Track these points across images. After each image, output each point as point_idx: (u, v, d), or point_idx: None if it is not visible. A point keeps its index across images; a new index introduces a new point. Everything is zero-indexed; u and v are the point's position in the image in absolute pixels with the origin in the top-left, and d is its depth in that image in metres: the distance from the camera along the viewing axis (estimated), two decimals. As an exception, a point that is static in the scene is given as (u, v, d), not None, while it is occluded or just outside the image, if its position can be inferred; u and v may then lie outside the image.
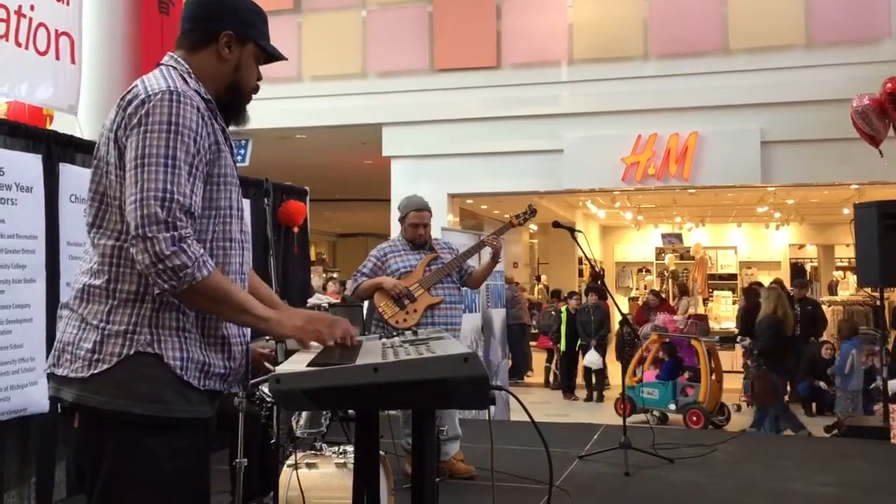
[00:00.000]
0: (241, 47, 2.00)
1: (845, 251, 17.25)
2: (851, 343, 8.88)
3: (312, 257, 14.65)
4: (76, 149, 4.75)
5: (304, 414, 3.67)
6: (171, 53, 2.00)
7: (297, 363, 1.76)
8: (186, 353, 1.82)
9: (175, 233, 1.73)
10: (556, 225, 5.74)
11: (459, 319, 5.04)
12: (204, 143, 1.85)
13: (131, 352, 1.78)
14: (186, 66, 1.96)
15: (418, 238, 5.00)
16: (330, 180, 13.86)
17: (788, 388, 9.00)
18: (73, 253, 4.47)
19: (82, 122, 5.30)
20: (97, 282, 1.83)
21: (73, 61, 5.16)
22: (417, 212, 5.02)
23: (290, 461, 3.47)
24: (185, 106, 1.81)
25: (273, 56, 2.07)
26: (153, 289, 1.79)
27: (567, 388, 11.50)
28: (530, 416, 1.97)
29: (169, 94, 1.80)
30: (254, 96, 2.10)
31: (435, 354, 1.66)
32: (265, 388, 3.57)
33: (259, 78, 2.07)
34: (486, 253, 5.09)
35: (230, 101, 2.01)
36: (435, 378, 1.61)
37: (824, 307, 11.20)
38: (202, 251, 1.77)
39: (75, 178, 4.60)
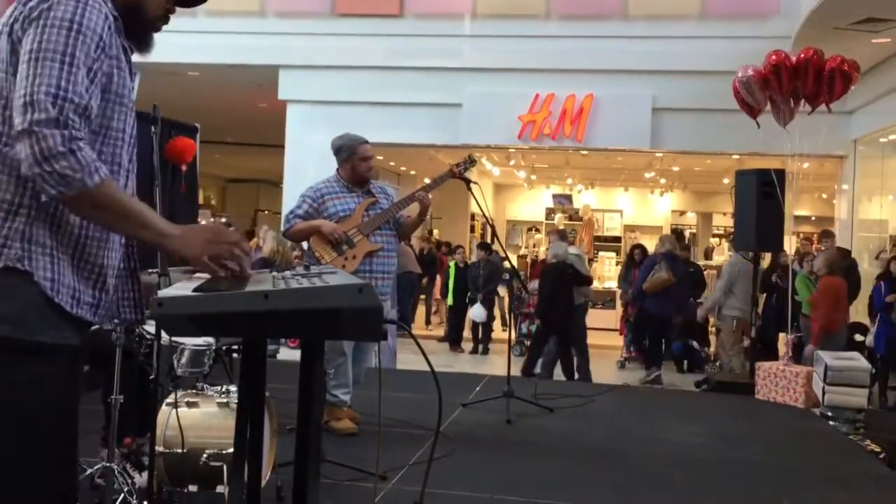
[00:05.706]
0: None
1: (722, 219, 18.07)
2: None
3: (201, 200, 14.17)
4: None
5: (185, 353, 3.56)
6: None
7: (183, 288, 1.69)
8: (57, 276, 1.70)
9: (66, 132, 1.60)
10: (452, 175, 5.70)
11: (395, 268, 4.91)
12: (108, 50, 1.74)
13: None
14: None
15: (368, 172, 4.79)
16: (222, 122, 13.35)
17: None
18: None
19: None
20: None
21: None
22: (366, 144, 4.80)
23: (170, 400, 3.36)
24: (93, 9, 1.71)
25: None
26: (31, 200, 1.67)
27: (454, 340, 11.65)
28: (427, 360, 1.94)
29: None
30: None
31: (329, 284, 1.62)
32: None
33: (171, 10, 1.95)
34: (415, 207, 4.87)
35: (132, 22, 1.88)
36: (329, 307, 1.57)
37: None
38: (94, 156, 1.65)
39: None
